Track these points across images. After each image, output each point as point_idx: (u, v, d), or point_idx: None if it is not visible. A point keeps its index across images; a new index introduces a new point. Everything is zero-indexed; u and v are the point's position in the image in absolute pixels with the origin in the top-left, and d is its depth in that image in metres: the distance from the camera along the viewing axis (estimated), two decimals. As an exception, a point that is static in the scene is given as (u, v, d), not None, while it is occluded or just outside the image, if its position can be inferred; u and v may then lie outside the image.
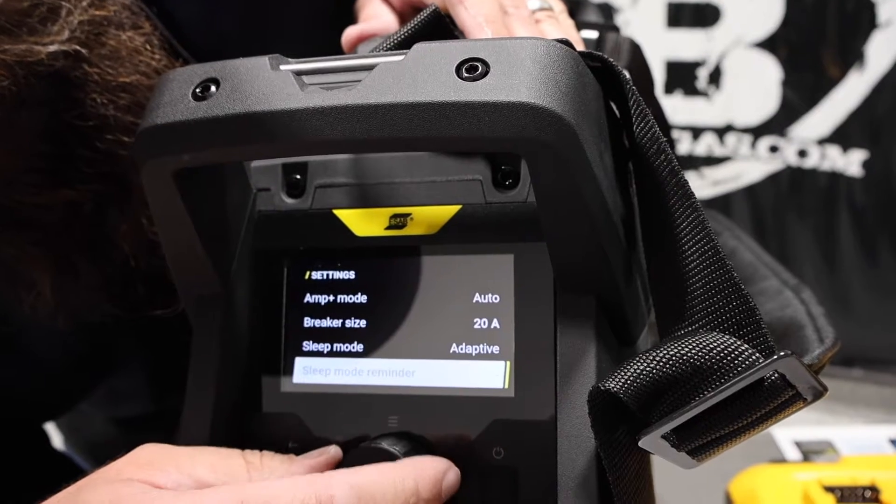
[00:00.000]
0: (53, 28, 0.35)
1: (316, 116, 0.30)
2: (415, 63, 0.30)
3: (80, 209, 0.40)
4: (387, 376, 0.35)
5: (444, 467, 0.32)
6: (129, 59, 0.38)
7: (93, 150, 0.39)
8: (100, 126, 0.38)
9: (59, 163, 0.39)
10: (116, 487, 0.29)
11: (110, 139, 0.39)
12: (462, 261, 0.35)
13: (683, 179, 0.31)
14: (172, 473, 0.30)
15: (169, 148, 0.32)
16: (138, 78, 0.39)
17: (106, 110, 0.38)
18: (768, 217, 1.43)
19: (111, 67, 0.38)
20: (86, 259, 0.42)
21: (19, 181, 0.38)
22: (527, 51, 0.29)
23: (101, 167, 0.39)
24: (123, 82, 0.38)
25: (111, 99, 0.38)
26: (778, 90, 1.38)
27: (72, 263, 0.42)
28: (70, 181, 0.39)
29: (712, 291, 0.30)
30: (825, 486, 0.66)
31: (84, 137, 0.38)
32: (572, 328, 0.32)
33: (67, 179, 0.39)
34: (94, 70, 0.37)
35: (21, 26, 0.34)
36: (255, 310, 0.37)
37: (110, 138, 0.39)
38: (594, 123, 0.31)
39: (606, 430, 0.30)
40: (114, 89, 0.38)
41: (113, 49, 0.38)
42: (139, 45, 0.39)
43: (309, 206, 0.37)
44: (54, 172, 0.39)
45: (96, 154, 0.39)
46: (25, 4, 0.34)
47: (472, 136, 0.29)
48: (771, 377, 0.28)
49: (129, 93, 0.38)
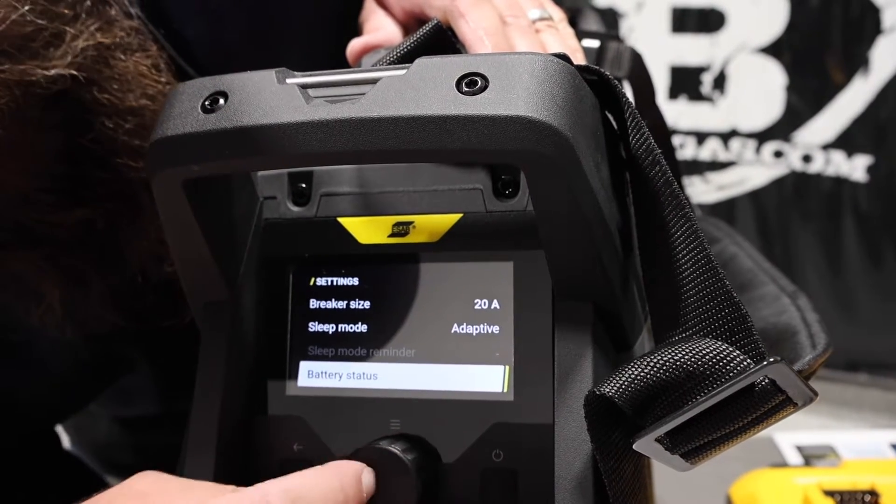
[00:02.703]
0: (56, 52, 0.35)
1: (320, 129, 0.31)
2: (416, 77, 0.31)
3: (93, 226, 0.41)
4: (389, 380, 0.36)
5: (361, 467, 0.33)
6: (136, 82, 0.39)
7: (105, 171, 0.40)
8: (111, 148, 0.39)
9: (73, 183, 0.40)
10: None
11: (119, 162, 0.39)
12: (463, 268, 0.36)
13: (677, 190, 0.32)
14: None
15: (179, 159, 0.33)
16: (144, 102, 0.39)
17: (115, 134, 0.39)
18: (773, 222, 1.43)
19: (119, 91, 0.38)
20: (96, 273, 0.43)
21: (37, 200, 0.39)
22: (525, 66, 0.30)
23: (113, 187, 0.40)
24: (131, 106, 0.39)
25: (119, 123, 0.39)
26: (782, 95, 1.38)
27: (82, 277, 0.43)
28: (84, 200, 0.40)
29: (705, 299, 0.31)
30: (825, 490, 0.66)
31: (97, 159, 0.39)
32: (570, 334, 0.33)
33: (82, 199, 0.40)
34: (103, 95, 0.38)
35: (23, 50, 0.35)
36: (261, 315, 0.38)
37: (119, 161, 0.39)
38: (590, 135, 0.31)
39: (602, 434, 0.30)
40: (122, 113, 0.39)
41: (120, 73, 0.39)
42: (145, 68, 0.40)
43: (314, 214, 0.38)
44: (69, 192, 0.40)
45: (109, 174, 0.40)
46: (28, 29, 0.35)
47: (471, 148, 0.29)
48: (761, 382, 0.28)
49: (136, 116, 0.39)
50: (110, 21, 0.39)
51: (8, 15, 0.34)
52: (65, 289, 0.43)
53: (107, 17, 0.39)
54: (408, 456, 0.33)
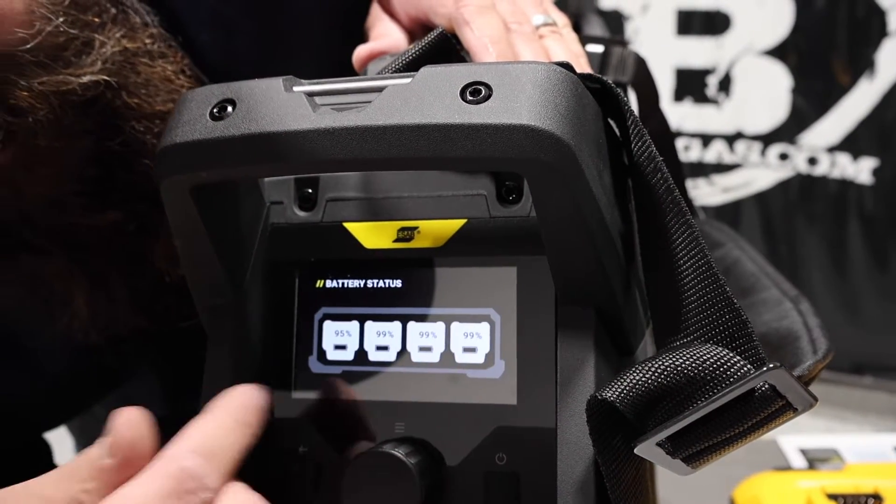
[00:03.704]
0: (87, 60, 0.37)
1: (327, 137, 0.31)
2: (421, 86, 0.31)
3: (124, 229, 0.42)
4: (394, 384, 0.36)
5: (245, 392, 0.33)
6: (163, 87, 0.40)
7: (134, 174, 0.40)
8: (139, 151, 0.40)
9: (105, 186, 0.41)
10: None
11: (147, 163, 0.40)
12: (467, 273, 0.36)
13: (679, 197, 0.32)
14: None
15: (187, 165, 0.33)
16: (172, 106, 0.40)
17: (144, 137, 0.40)
18: (778, 224, 1.43)
19: (147, 96, 0.39)
20: (121, 275, 0.44)
21: (70, 204, 0.40)
22: (528, 75, 0.30)
23: (141, 189, 0.41)
24: (159, 110, 0.40)
25: (148, 127, 0.40)
26: (788, 98, 1.38)
27: (107, 280, 0.43)
28: (115, 203, 0.41)
29: (706, 305, 0.31)
30: (828, 493, 0.66)
31: (127, 163, 0.40)
32: (572, 339, 0.33)
33: (113, 202, 0.41)
34: (133, 100, 0.39)
35: (57, 60, 0.36)
36: (267, 318, 0.39)
37: (147, 163, 0.40)
38: (593, 143, 0.32)
39: (604, 438, 0.31)
40: (150, 117, 0.40)
41: (147, 78, 0.40)
42: (171, 73, 0.41)
43: (320, 219, 0.39)
44: (101, 195, 0.41)
45: (138, 177, 0.40)
46: (62, 40, 0.36)
47: (475, 156, 0.30)
48: (761, 388, 0.29)
49: (163, 120, 0.40)
50: (134, 28, 0.40)
51: (43, 27, 0.35)
52: (90, 292, 0.44)
53: (130, 25, 0.40)
54: (411, 460, 0.33)
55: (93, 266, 0.43)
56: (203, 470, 0.29)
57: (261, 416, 0.33)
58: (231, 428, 0.31)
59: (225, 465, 0.30)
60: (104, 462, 0.29)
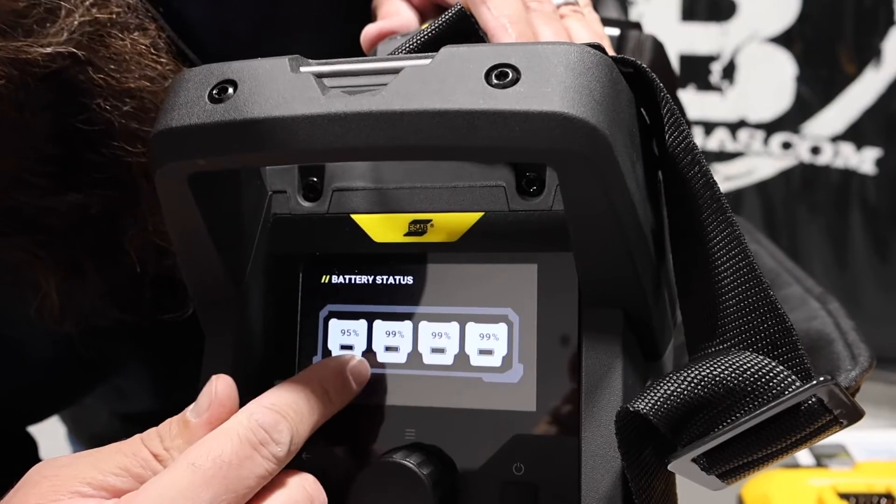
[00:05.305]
0: (51, 29, 0.34)
1: (338, 123, 0.28)
2: (443, 67, 0.28)
3: (88, 213, 0.40)
4: (404, 387, 0.34)
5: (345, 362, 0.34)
6: (134, 62, 0.37)
7: (100, 155, 0.38)
8: (105, 131, 0.37)
9: (66, 166, 0.38)
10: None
11: (116, 145, 0.38)
12: (483, 270, 0.34)
13: (719, 192, 0.30)
14: (84, 488, 0.29)
15: (184, 152, 0.31)
16: (143, 83, 0.37)
17: (111, 116, 0.37)
18: (780, 214, 1.42)
19: (116, 72, 0.37)
20: (93, 264, 0.42)
21: (28, 183, 0.37)
22: (559, 57, 0.28)
23: (108, 172, 0.38)
24: (128, 87, 0.37)
25: (116, 105, 0.37)
26: (792, 86, 1.36)
27: (79, 268, 0.41)
28: (77, 185, 0.39)
29: (746, 309, 0.29)
30: (840, 492, 0.65)
31: (91, 142, 0.37)
32: (598, 343, 0.31)
33: (75, 183, 0.38)
34: (98, 75, 0.36)
35: (16, 27, 0.33)
36: (269, 315, 0.37)
37: (116, 145, 0.38)
38: (627, 133, 0.29)
39: (634, 451, 0.29)
40: (118, 94, 0.37)
41: (117, 52, 0.37)
42: (144, 48, 0.38)
43: (326, 210, 0.36)
44: (61, 176, 0.38)
45: (103, 158, 0.38)
46: (21, 5, 0.33)
47: (501, 145, 0.27)
48: (808, 402, 0.27)
49: (133, 98, 0.37)
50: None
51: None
52: (61, 279, 0.41)
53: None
54: (423, 470, 0.32)
55: (61, 252, 0.41)
56: (277, 425, 0.30)
57: (349, 389, 0.33)
58: (316, 393, 0.32)
59: (298, 426, 0.31)
60: (192, 420, 0.32)
